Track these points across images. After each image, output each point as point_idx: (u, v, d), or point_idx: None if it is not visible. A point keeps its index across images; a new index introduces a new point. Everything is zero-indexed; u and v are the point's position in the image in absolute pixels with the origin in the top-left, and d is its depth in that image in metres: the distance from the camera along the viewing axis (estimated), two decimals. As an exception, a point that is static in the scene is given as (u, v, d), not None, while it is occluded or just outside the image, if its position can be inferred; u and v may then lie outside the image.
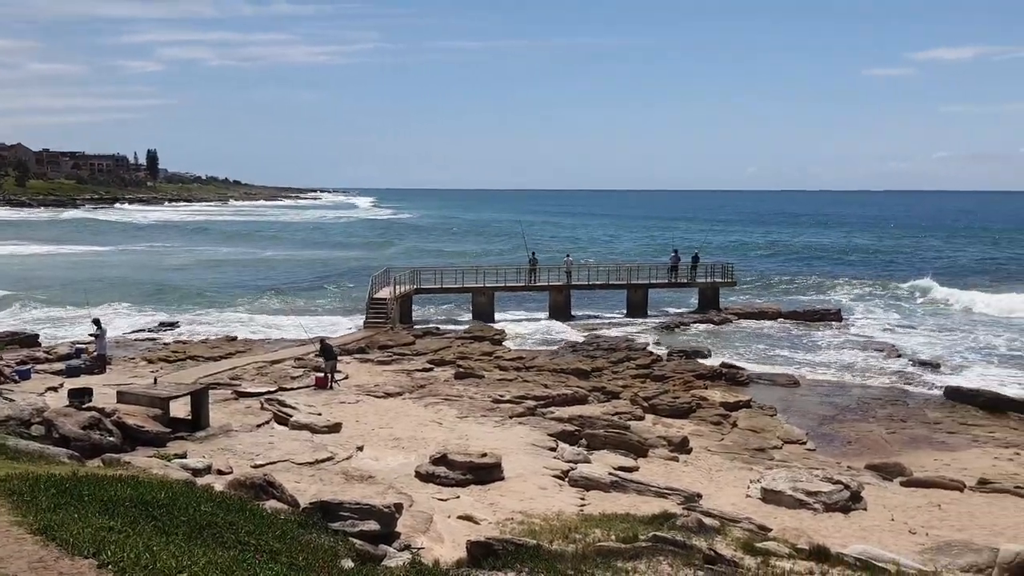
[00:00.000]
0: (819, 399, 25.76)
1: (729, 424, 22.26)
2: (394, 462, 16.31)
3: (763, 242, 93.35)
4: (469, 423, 20.27)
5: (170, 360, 27.63)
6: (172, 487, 8.70)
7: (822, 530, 13.54)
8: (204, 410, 18.18)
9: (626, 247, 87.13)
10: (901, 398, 25.78)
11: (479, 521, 12.73)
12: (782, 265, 68.05)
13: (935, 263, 67.89)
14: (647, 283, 42.68)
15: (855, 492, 15.59)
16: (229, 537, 7.15)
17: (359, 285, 46.76)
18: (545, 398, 23.27)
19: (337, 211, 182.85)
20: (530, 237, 57.99)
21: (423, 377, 26.02)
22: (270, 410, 19.93)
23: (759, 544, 10.15)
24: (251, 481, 11.00)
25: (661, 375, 27.39)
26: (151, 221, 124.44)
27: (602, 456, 17.94)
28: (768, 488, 15.68)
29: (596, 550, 9.08)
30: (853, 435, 21.87)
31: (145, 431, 15.97)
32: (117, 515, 7.12)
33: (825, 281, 55.50)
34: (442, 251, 78.50)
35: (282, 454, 16.06)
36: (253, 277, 57.64)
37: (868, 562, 9.65)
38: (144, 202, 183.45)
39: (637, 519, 11.60)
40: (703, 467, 18.28)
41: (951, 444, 21.13)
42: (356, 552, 8.44)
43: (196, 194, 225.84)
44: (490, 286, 40.64)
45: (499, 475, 15.46)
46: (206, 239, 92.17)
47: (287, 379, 24.39)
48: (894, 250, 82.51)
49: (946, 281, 52.35)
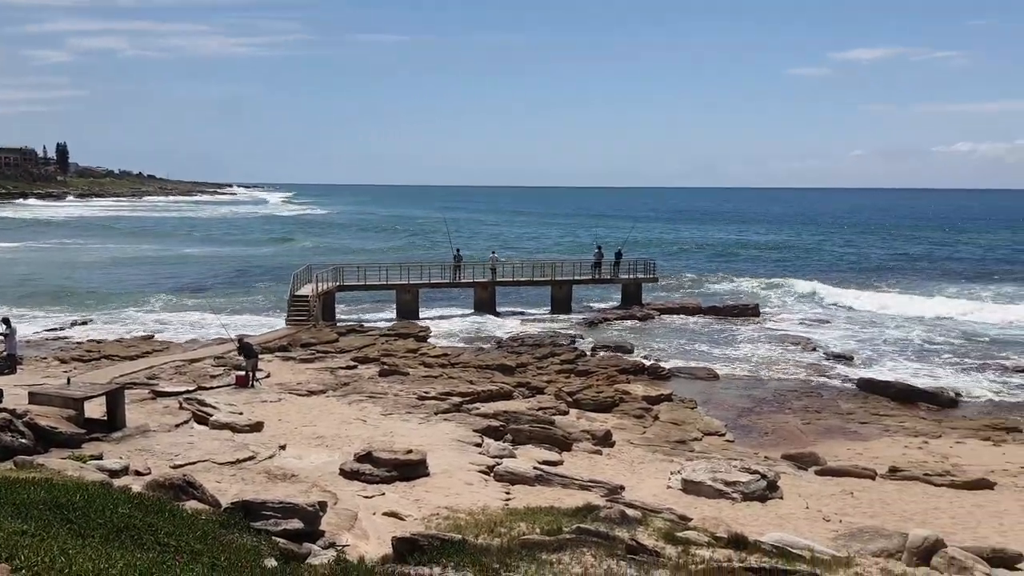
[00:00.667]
0: (737, 392, 26.44)
1: (651, 417, 22.68)
2: (318, 460, 16.15)
3: (684, 239, 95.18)
4: (394, 420, 20.19)
5: (84, 360, 26.84)
6: (88, 489, 8.48)
7: (740, 519, 13.89)
8: (120, 410, 17.66)
9: (550, 244, 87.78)
10: (816, 390, 26.63)
11: (404, 517, 12.71)
12: (702, 262, 69.46)
13: (840, 261, 70.23)
14: (571, 279, 43.10)
15: (772, 482, 16.05)
16: (148, 539, 7.02)
17: (279, 282, 46.08)
18: (470, 394, 23.32)
19: (248, 207, 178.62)
20: (455, 234, 57.92)
21: (347, 375, 25.80)
22: (189, 409, 19.50)
23: (679, 534, 10.38)
24: (170, 482, 10.76)
25: (585, 370, 27.72)
26: (62, 217, 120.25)
27: (527, 451, 18.10)
28: (688, 479, 16.04)
29: (521, 543, 9.17)
30: (770, 426, 22.52)
31: (59, 432, 15.45)
32: (31, 518, 6.92)
33: (743, 277, 56.87)
34: (349, 248, 76.99)
35: (202, 454, 15.74)
36: (169, 274, 56.26)
37: (784, 549, 9.96)
38: (54, 197, 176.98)
39: (561, 512, 11.73)
40: (626, 460, 18.59)
41: (863, 434, 21.91)
42: (280, 551, 8.36)
43: (109, 188, 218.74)
44: (415, 283, 40.47)
45: (424, 471, 15.45)
46: (119, 236, 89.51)
47: (207, 378, 23.90)
48: (801, 246, 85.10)
49: (841, 279, 54.47)
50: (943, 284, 53.79)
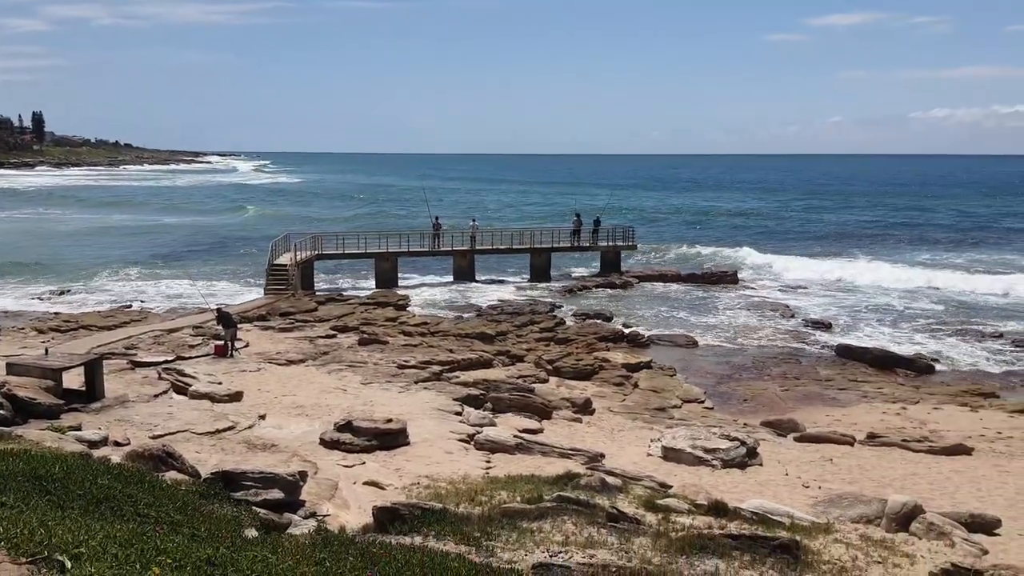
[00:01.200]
0: (717, 359, 26.61)
1: (631, 385, 22.80)
2: (298, 430, 16.14)
3: (663, 207, 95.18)
4: (374, 389, 20.18)
5: (62, 330, 26.60)
6: (67, 460, 8.41)
7: (720, 486, 14.03)
8: (99, 380, 17.57)
9: (530, 212, 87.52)
10: (795, 357, 26.81)
11: (385, 487, 12.74)
12: (681, 229, 69.56)
13: (816, 228, 70.59)
14: (550, 247, 43.04)
15: (751, 448, 16.21)
16: (128, 510, 6.98)
17: (257, 251, 45.72)
18: (450, 363, 23.33)
19: (220, 175, 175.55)
20: (434, 203, 57.63)
21: (326, 344, 25.72)
22: (168, 379, 19.41)
23: (660, 501, 10.48)
24: (149, 452, 10.71)
25: (564, 338, 27.79)
26: (38, 186, 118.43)
27: (507, 419, 18.17)
28: (668, 446, 16.16)
29: (502, 512, 9.22)
30: (749, 393, 22.70)
31: (37, 403, 15.35)
32: (9, 490, 6.85)
33: (721, 244, 56.96)
34: (313, 217, 75.06)
35: (181, 424, 15.69)
36: (145, 244, 55.67)
37: (764, 516, 10.08)
38: (29, 166, 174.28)
39: (542, 480, 11.80)
40: (606, 427, 18.70)
41: (842, 400, 22.14)
42: (260, 521, 8.36)
43: (85, 158, 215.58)
44: (393, 251, 40.30)
45: (405, 440, 15.48)
46: (95, 205, 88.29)
47: (185, 348, 23.77)
48: (779, 213, 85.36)
49: (819, 246, 54.68)
50: (920, 251, 54.31)
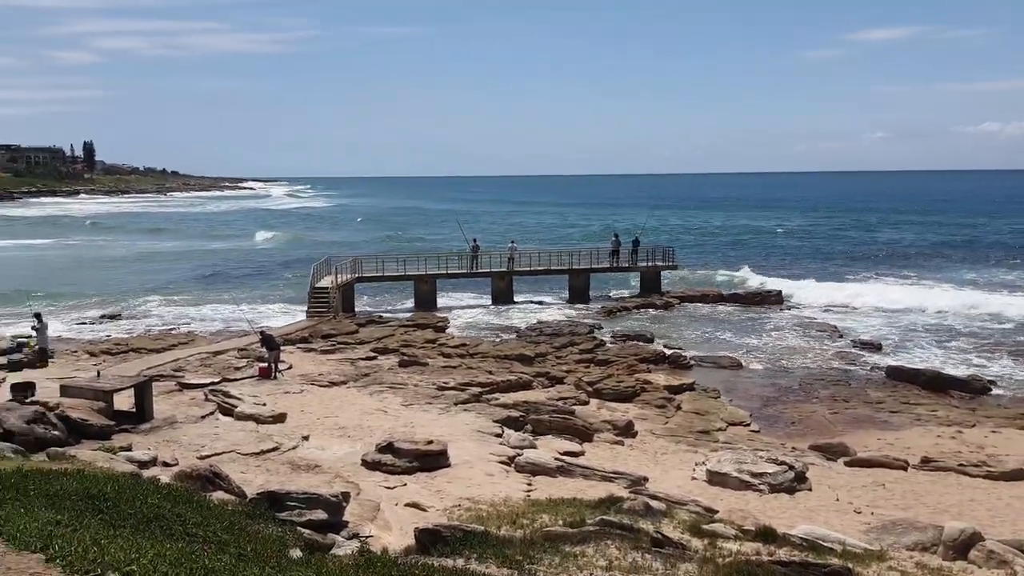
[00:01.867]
0: (762, 381, 26.21)
1: (673, 407, 22.54)
2: (340, 451, 16.22)
3: (702, 226, 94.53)
4: (414, 411, 20.24)
5: (112, 353, 27.10)
6: (118, 480, 8.55)
7: (768, 511, 13.77)
8: (148, 402, 17.87)
9: (566, 233, 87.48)
10: (843, 378, 26.21)
11: (426, 508, 12.73)
12: (721, 249, 68.96)
13: (863, 247, 69.54)
14: (589, 268, 42.91)
15: (800, 473, 15.87)
16: (177, 529, 7.08)
17: (298, 275, 46.23)
18: (490, 384, 23.32)
19: (252, 201, 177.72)
20: (469, 225, 57.87)
21: (367, 366, 25.88)
22: (214, 401, 19.67)
23: (706, 526, 10.33)
24: (197, 472, 10.85)
25: (605, 359, 27.63)
26: (88, 213, 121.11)
27: (548, 441, 18.06)
28: (714, 470, 15.91)
29: (544, 535, 9.16)
30: (796, 416, 22.26)
31: (89, 424, 15.66)
32: (64, 509, 6.99)
33: (764, 264, 56.39)
34: (323, 240, 75.04)
35: (228, 445, 15.86)
36: (189, 268, 56.59)
37: (814, 542, 9.86)
38: (80, 194, 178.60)
39: (584, 503, 11.70)
40: (648, 450, 18.51)
41: (894, 423, 21.53)
42: (304, 541, 8.40)
43: (134, 185, 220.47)
44: (432, 273, 40.53)
45: (445, 462, 15.47)
46: (142, 232, 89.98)
47: (231, 370, 24.07)
48: (823, 232, 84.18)
49: (866, 265, 53.86)
50: (971, 269, 53.18)
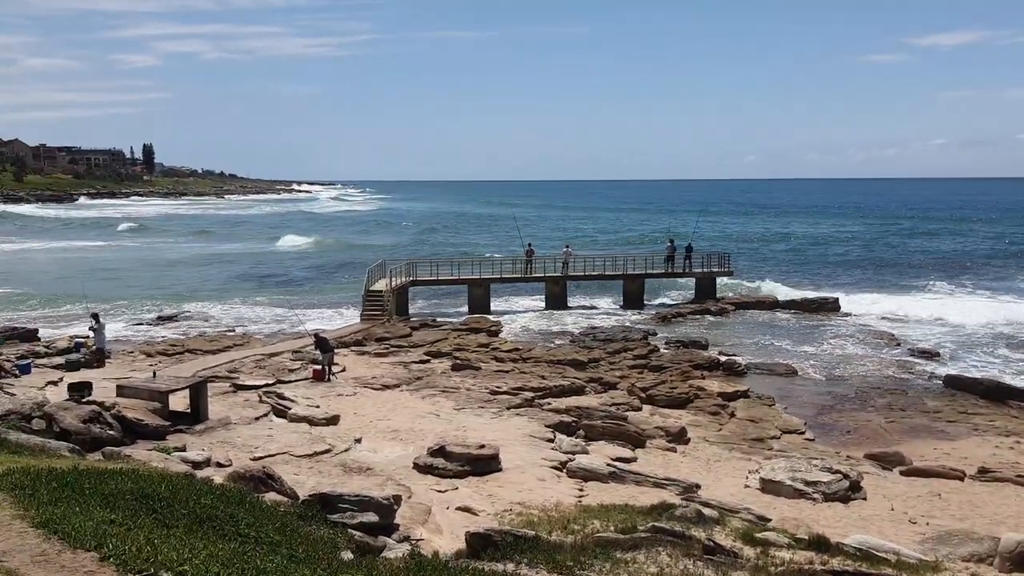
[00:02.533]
0: (817, 389, 25.78)
1: (727, 414, 22.28)
2: (392, 454, 16.31)
3: (759, 232, 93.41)
4: (466, 414, 20.28)
5: (168, 354, 27.60)
6: (172, 480, 8.68)
7: (821, 520, 13.57)
8: (203, 403, 18.16)
9: (621, 237, 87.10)
10: (900, 387, 25.73)
11: (477, 512, 12.74)
12: (777, 255, 68.05)
13: (921, 255, 67.98)
14: (643, 273, 42.65)
15: (854, 482, 15.62)
16: (229, 529, 7.14)
17: (352, 278, 46.74)
18: (542, 389, 23.27)
19: (297, 204, 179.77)
20: (526, 231, 58.00)
21: (420, 369, 26.01)
22: (268, 403, 19.92)
23: (758, 534, 10.18)
24: (250, 473, 10.99)
25: (658, 365, 27.40)
26: (149, 215, 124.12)
27: (600, 447, 17.98)
28: (767, 478, 15.71)
29: (595, 541, 9.09)
30: (852, 424, 21.88)
31: (144, 424, 15.95)
32: (118, 508, 7.10)
33: (822, 271, 55.54)
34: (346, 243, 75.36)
35: (281, 446, 16.05)
36: (248, 271, 57.60)
37: (868, 552, 9.68)
38: (140, 196, 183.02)
39: (635, 510, 11.61)
40: (701, 457, 18.31)
41: (951, 433, 21.10)
42: (355, 544, 8.44)
43: (192, 187, 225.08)
44: (486, 277, 40.61)
45: (497, 466, 15.47)
46: (202, 234, 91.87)
47: (285, 372, 24.38)
48: (882, 239, 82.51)
49: (923, 273, 52.47)
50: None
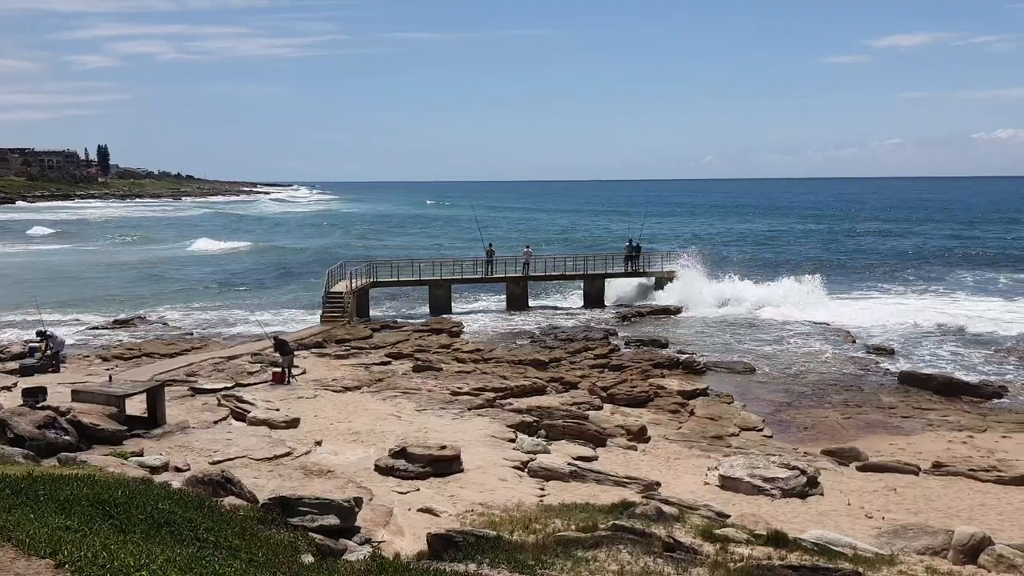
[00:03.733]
0: (775, 386, 26.10)
1: (686, 412, 22.50)
2: (353, 456, 16.24)
3: (716, 232, 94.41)
4: (428, 416, 20.24)
5: (125, 358, 27.23)
6: (129, 485, 8.57)
7: (780, 516, 13.75)
8: (160, 407, 17.92)
9: (581, 237, 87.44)
10: (856, 384, 26.14)
11: (439, 513, 12.73)
12: (736, 254, 68.73)
13: (874, 253, 69.18)
14: (603, 273, 42.89)
15: (812, 478, 15.85)
16: (187, 534, 7.08)
17: (311, 279, 46.40)
18: (503, 389, 23.31)
19: (248, 206, 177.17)
20: (487, 230, 58.03)
21: (381, 371, 25.92)
22: (227, 406, 19.72)
23: (718, 531, 10.30)
24: (209, 478, 10.86)
25: (619, 365, 27.59)
26: (103, 218, 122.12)
27: (561, 446, 18.05)
28: (726, 475, 15.89)
29: (556, 540, 9.14)
30: (809, 421, 22.22)
31: (101, 429, 15.69)
32: (74, 514, 7.01)
33: (778, 269, 56.16)
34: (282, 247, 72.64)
35: (240, 450, 15.89)
36: (205, 273, 56.90)
37: (825, 546, 9.84)
38: (95, 198, 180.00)
39: (596, 508, 11.69)
40: (661, 455, 18.47)
41: (906, 428, 21.52)
42: (316, 547, 8.39)
43: (148, 189, 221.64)
44: (447, 278, 40.54)
45: (458, 467, 15.47)
46: (158, 236, 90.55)
47: (244, 375, 24.14)
48: (835, 237, 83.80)
49: (877, 271, 53.41)
50: (982, 275, 52.84)
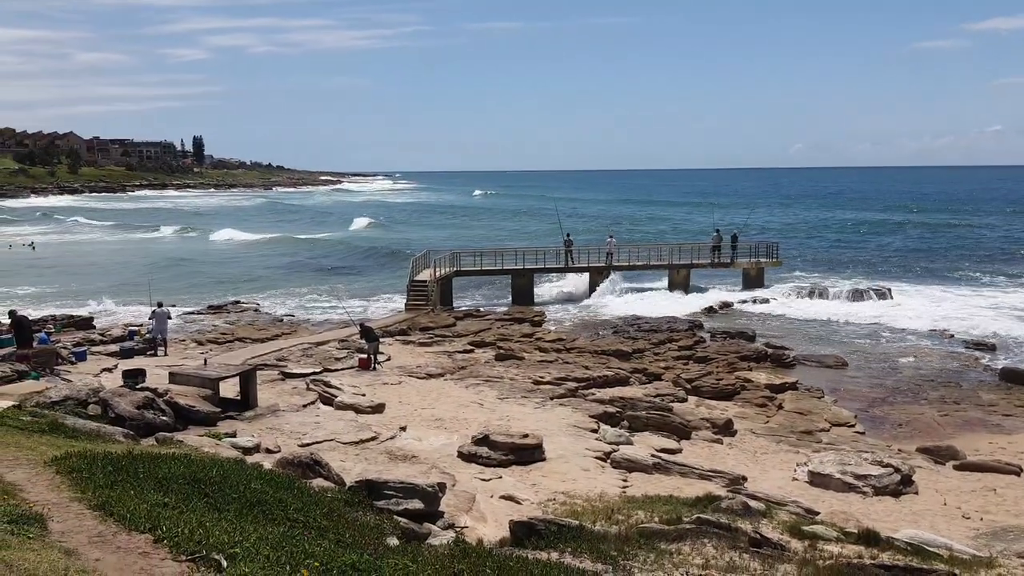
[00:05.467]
0: (868, 381, 25.33)
1: (774, 406, 22.03)
2: (436, 442, 16.42)
3: (806, 222, 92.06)
4: (510, 404, 20.33)
5: (219, 342, 28.07)
6: (223, 465, 8.83)
7: (871, 514, 13.39)
8: (252, 390, 18.46)
9: (666, 227, 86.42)
10: (954, 380, 25.19)
11: (521, 501, 12.78)
12: (826, 245, 67.00)
13: (981, 245, 66.45)
14: (689, 263, 42.27)
15: (906, 476, 15.37)
16: (278, 514, 7.25)
17: (397, 268, 47.08)
18: (586, 380, 23.22)
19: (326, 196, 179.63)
20: (565, 219, 58.09)
21: (464, 359, 26.13)
22: (315, 390, 20.18)
23: (806, 527, 10.06)
24: (298, 459, 11.13)
25: (704, 357, 27.16)
26: (201, 207, 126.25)
27: (644, 438, 17.90)
28: (815, 471, 15.52)
29: (639, 531, 9.07)
30: (904, 418, 21.50)
31: (196, 411, 16.26)
32: (171, 492, 7.26)
33: (872, 261, 54.63)
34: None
35: (328, 433, 16.25)
36: (295, 260, 58.29)
37: (919, 547, 9.52)
38: (191, 187, 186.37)
39: (680, 501, 11.56)
40: (748, 450, 18.13)
41: (1006, 427, 20.67)
42: (401, 530, 8.52)
43: (241, 179, 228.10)
44: (530, 268, 40.57)
45: (540, 456, 15.50)
46: (253, 224, 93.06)
47: (331, 360, 24.65)
48: (936, 227, 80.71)
49: (981, 263, 51.31)
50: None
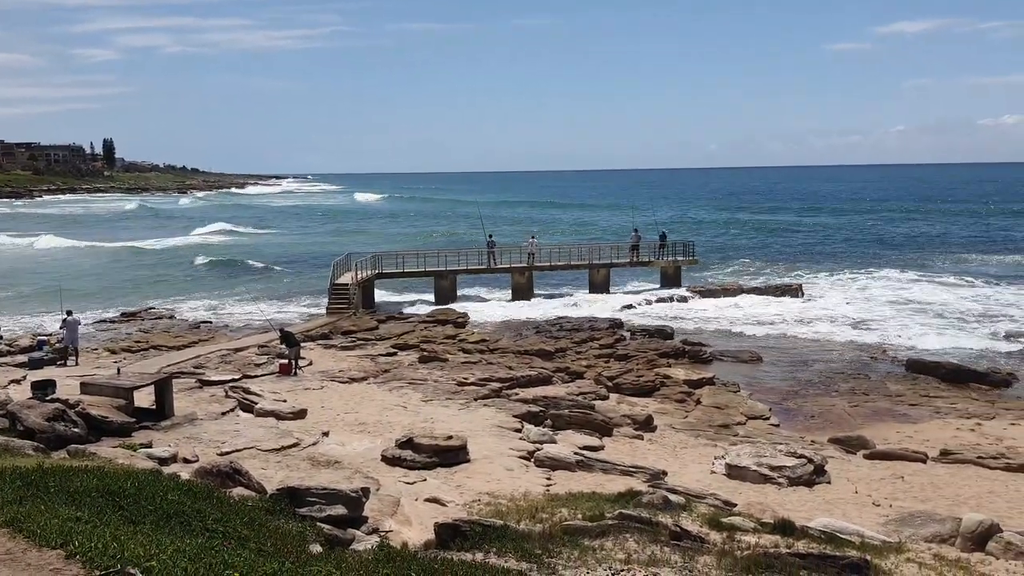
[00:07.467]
0: (782, 374, 26.09)
1: (693, 401, 22.51)
2: (360, 447, 16.29)
3: (720, 220, 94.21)
4: (434, 406, 20.29)
5: (133, 350, 27.31)
6: (138, 476, 8.62)
7: (787, 504, 13.74)
8: (168, 399, 17.98)
9: (586, 228, 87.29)
10: (863, 372, 26.10)
11: (446, 503, 12.77)
12: (742, 243, 68.68)
13: (880, 240, 68.99)
14: (609, 263, 42.82)
15: (819, 466, 15.83)
16: (197, 525, 7.12)
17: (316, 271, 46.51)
18: (509, 380, 23.33)
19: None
20: (487, 220, 58.18)
21: (387, 362, 25.96)
22: (235, 398, 19.80)
23: (724, 519, 10.30)
24: (217, 469, 10.91)
25: (624, 354, 27.58)
26: (110, 211, 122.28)
27: (567, 436, 18.07)
28: (733, 464, 15.89)
29: (563, 529, 9.16)
30: (816, 409, 22.18)
31: (110, 421, 15.77)
32: (84, 506, 7.06)
33: (784, 258, 56.19)
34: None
35: (248, 441, 15.95)
36: (212, 266, 57.00)
37: (832, 534, 9.83)
38: (101, 192, 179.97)
39: (603, 497, 11.70)
40: (668, 445, 18.48)
41: (913, 416, 21.47)
42: (324, 537, 8.44)
43: (154, 183, 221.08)
44: (452, 269, 40.54)
45: (465, 457, 15.50)
46: (165, 229, 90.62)
47: (251, 366, 24.22)
48: (840, 226, 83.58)
49: (885, 258, 53.35)
50: (988, 262, 52.75)
